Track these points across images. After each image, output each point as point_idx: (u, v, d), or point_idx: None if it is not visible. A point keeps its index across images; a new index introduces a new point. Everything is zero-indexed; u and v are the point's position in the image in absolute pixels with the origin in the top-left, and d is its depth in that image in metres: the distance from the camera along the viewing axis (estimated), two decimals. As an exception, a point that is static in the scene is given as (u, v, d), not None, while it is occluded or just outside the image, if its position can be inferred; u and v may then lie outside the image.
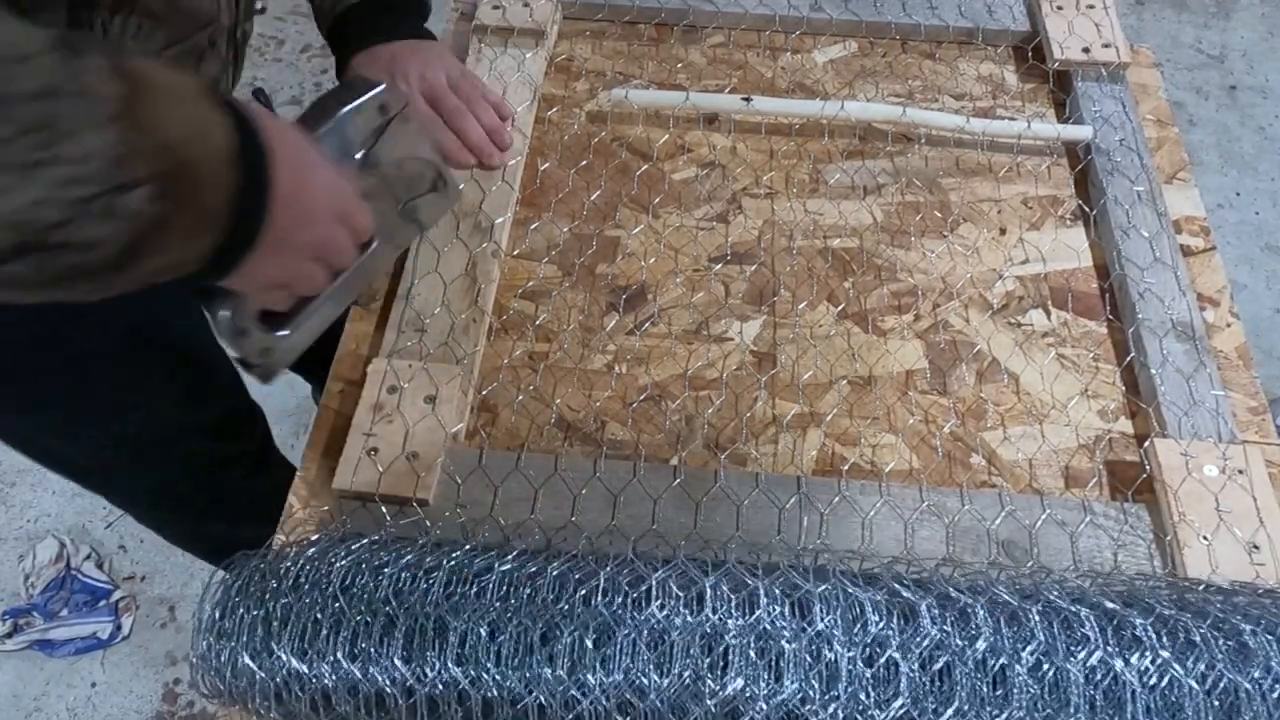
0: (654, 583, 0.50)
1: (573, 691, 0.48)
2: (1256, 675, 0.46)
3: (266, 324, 0.53)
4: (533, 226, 0.81)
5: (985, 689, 0.46)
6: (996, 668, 0.47)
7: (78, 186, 0.29)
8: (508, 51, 0.91)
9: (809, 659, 0.47)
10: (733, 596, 0.50)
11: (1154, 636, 0.47)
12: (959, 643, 0.47)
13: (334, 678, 0.49)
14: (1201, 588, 0.55)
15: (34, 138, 0.28)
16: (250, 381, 0.70)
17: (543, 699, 0.48)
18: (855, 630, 0.48)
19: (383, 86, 0.55)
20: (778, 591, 0.50)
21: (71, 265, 0.31)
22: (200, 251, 0.36)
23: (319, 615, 0.50)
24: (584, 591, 0.50)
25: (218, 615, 0.52)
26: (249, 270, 0.40)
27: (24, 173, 0.28)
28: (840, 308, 0.76)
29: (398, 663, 0.49)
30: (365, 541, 0.56)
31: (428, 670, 0.49)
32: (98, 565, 1.49)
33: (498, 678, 0.48)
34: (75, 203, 0.29)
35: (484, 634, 0.49)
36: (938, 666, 0.47)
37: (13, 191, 0.28)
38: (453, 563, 0.52)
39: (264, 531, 0.61)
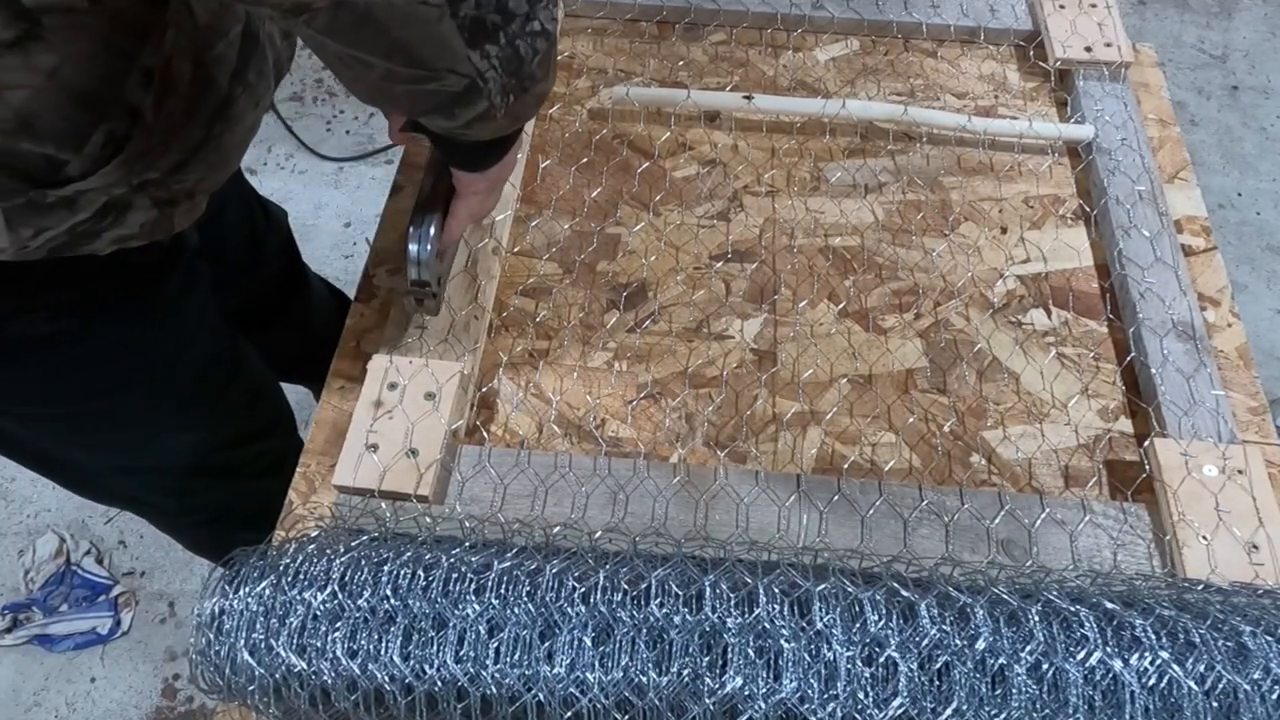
0: (653, 581, 0.50)
1: (571, 689, 0.48)
2: (1255, 676, 0.46)
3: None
4: (533, 224, 0.81)
5: (984, 689, 0.46)
6: (995, 667, 0.47)
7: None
8: (509, 48, 0.90)
9: (808, 658, 0.47)
10: (732, 595, 0.50)
11: (1153, 637, 0.47)
12: (958, 642, 0.47)
13: (333, 674, 0.49)
14: (1201, 588, 0.55)
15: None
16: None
17: (541, 697, 0.48)
18: (854, 629, 0.48)
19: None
20: (777, 590, 0.50)
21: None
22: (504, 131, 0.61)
23: (318, 611, 0.50)
24: (583, 589, 0.50)
25: (217, 611, 0.52)
26: (495, 170, 0.65)
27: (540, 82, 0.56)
28: (841, 306, 0.76)
29: (396, 659, 0.49)
30: (365, 538, 0.55)
31: (426, 667, 0.48)
32: (98, 561, 1.49)
33: (496, 675, 0.48)
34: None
35: (483, 631, 0.49)
36: (937, 666, 0.47)
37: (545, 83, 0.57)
38: (452, 560, 0.52)
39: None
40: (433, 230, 0.66)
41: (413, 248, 0.66)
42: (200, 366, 0.83)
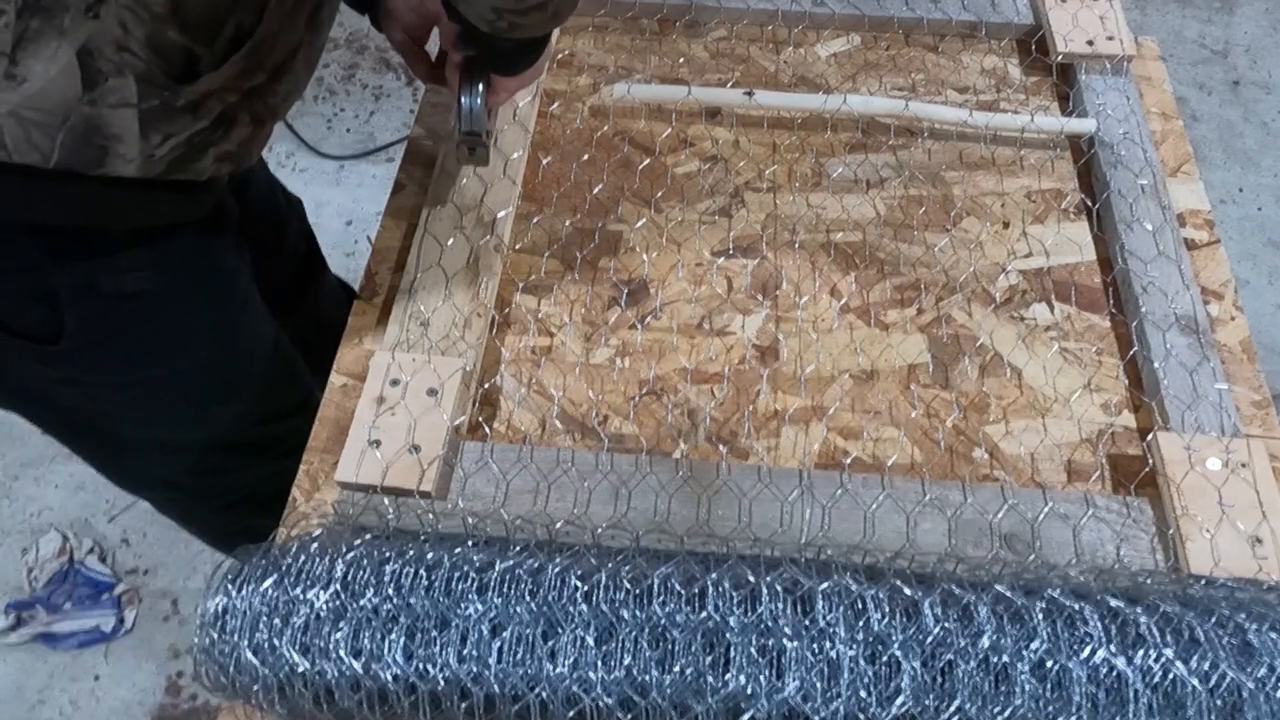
0: (656, 580, 0.50)
1: (574, 688, 0.48)
2: (1260, 674, 0.46)
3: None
4: (535, 220, 0.81)
5: (988, 687, 0.46)
6: (999, 665, 0.47)
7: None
8: (509, 45, 0.90)
9: (811, 656, 0.47)
10: (734, 593, 0.50)
11: (1157, 634, 0.47)
12: (961, 640, 0.47)
13: (336, 674, 0.49)
14: (1205, 584, 0.55)
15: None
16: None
17: (544, 696, 0.48)
18: (857, 627, 0.48)
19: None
20: (779, 588, 0.50)
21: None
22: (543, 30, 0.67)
23: (321, 611, 0.50)
24: (585, 588, 0.50)
25: (220, 610, 0.52)
26: (529, 73, 0.74)
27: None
28: (843, 301, 0.76)
29: (400, 659, 0.49)
30: (368, 536, 0.56)
31: (430, 667, 0.49)
32: (101, 559, 1.49)
33: (499, 674, 0.48)
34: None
35: (486, 630, 0.49)
36: (940, 664, 0.47)
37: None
38: (454, 558, 0.52)
39: None
40: (481, 87, 0.73)
41: (464, 100, 0.73)
42: (249, 336, 0.85)
